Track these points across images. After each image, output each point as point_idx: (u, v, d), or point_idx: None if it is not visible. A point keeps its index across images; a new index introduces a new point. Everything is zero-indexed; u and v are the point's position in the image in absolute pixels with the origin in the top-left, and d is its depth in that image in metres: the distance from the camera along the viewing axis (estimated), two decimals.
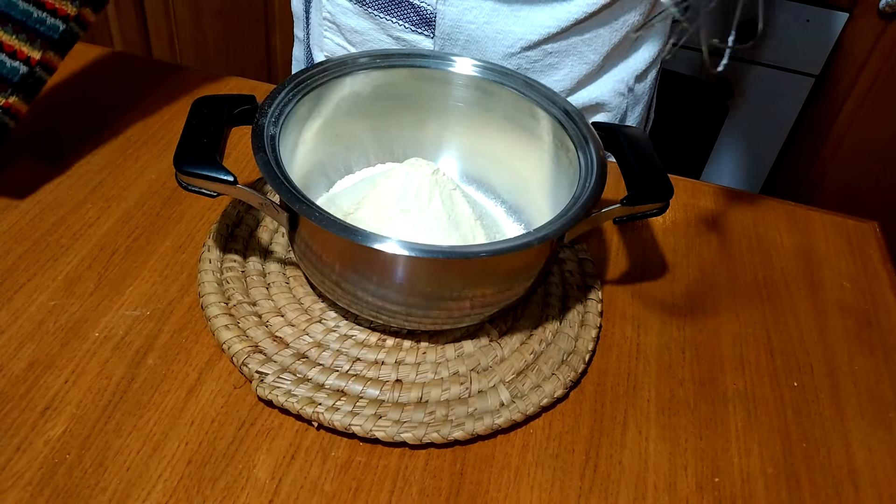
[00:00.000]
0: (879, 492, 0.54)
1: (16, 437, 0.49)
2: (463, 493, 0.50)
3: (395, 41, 0.76)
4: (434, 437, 0.51)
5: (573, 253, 0.66)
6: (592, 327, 0.60)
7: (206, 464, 0.49)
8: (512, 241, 0.50)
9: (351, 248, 0.50)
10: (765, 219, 0.76)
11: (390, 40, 0.76)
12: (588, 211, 0.52)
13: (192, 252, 0.63)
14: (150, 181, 0.70)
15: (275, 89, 0.57)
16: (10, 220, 0.64)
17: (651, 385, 0.58)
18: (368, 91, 0.63)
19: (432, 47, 0.75)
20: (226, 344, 0.55)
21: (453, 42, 0.74)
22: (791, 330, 0.65)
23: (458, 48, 0.74)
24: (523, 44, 0.73)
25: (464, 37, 0.73)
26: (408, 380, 0.55)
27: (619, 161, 0.58)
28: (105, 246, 0.63)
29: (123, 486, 0.48)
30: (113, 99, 0.79)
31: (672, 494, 0.52)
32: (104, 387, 0.53)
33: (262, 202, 0.52)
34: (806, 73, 1.43)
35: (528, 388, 0.55)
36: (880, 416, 0.59)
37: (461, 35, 0.73)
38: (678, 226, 0.74)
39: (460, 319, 0.55)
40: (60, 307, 0.58)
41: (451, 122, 0.67)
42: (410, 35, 0.75)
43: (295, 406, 0.51)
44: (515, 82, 0.63)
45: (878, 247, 0.74)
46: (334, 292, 0.54)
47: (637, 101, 0.85)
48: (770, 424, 0.57)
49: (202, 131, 0.52)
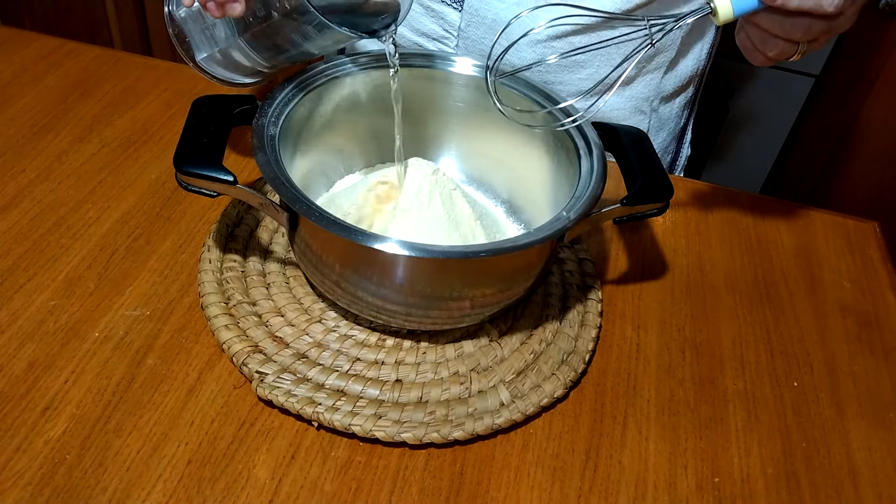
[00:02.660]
0: (879, 492, 0.54)
1: (16, 437, 0.49)
2: (463, 493, 0.50)
3: (424, 11, 0.74)
4: (434, 437, 0.51)
5: (573, 253, 0.66)
6: (592, 327, 0.60)
7: (206, 464, 0.49)
8: (512, 241, 0.50)
9: (351, 248, 0.50)
10: (765, 219, 0.76)
11: (420, 9, 0.74)
12: (588, 211, 0.52)
13: (192, 252, 0.63)
14: (150, 181, 0.70)
15: (275, 89, 0.57)
16: (10, 220, 0.64)
17: (651, 385, 0.58)
18: (368, 91, 0.63)
19: (459, 22, 0.73)
20: (226, 344, 0.55)
21: (480, 20, 0.72)
22: (791, 330, 0.65)
23: (484, 28, 0.72)
24: (551, 32, 0.71)
25: (491, 15, 0.71)
26: (408, 380, 0.55)
27: (619, 161, 0.58)
28: (105, 246, 0.63)
29: (123, 486, 0.48)
30: (113, 99, 0.79)
31: (672, 494, 0.52)
32: (104, 387, 0.53)
33: (262, 202, 0.52)
34: (806, 74, 1.43)
35: (528, 388, 0.55)
36: (880, 416, 0.59)
37: (489, 13, 0.71)
38: (678, 226, 0.74)
39: (460, 319, 0.55)
40: (60, 307, 0.58)
41: (451, 122, 0.67)
42: (439, 6, 0.73)
43: (295, 406, 0.51)
44: (516, 82, 0.63)
45: (878, 247, 0.74)
46: (334, 292, 0.54)
47: (661, 125, 0.81)
48: (770, 424, 0.57)
49: (202, 131, 0.52)
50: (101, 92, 0.80)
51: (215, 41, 0.59)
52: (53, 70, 0.82)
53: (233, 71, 0.62)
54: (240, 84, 0.64)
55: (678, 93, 0.79)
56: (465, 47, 0.75)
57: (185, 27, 0.59)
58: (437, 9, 0.74)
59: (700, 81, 0.81)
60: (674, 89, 0.78)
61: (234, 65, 0.60)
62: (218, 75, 0.62)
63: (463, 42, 0.74)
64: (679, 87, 0.78)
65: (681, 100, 0.80)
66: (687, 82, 0.79)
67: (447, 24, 0.74)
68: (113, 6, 1.71)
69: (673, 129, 0.83)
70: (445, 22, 0.74)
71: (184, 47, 0.59)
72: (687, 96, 0.81)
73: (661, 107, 0.79)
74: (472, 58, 0.64)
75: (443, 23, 0.74)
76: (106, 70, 0.83)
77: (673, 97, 0.79)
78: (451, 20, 0.73)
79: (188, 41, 0.59)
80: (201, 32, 0.59)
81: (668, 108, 0.80)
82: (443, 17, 0.74)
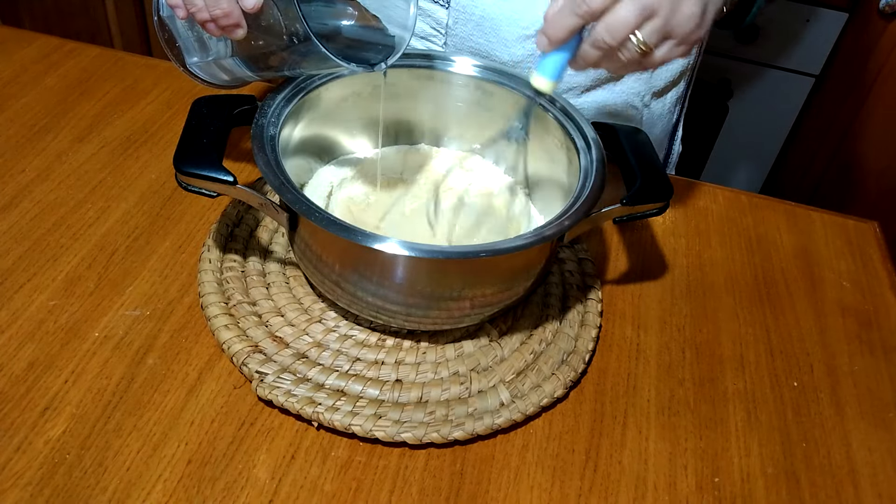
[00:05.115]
0: (879, 492, 0.54)
1: (16, 437, 0.49)
2: (463, 493, 0.50)
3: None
4: (434, 437, 0.51)
5: (573, 253, 0.66)
6: (592, 327, 0.60)
7: (206, 464, 0.49)
8: (512, 242, 0.50)
9: (351, 248, 0.50)
10: (765, 219, 0.76)
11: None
12: (588, 211, 0.52)
13: (192, 252, 0.63)
14: (150, 181, 0.70)
15: (275, 89, 0.57)
16: (10, 220, 0.64)
17: (651, 385, 0.58)
18: (368, 91, 0.63)
19: (446, 19, 0.73)
20: (226, 344, 0.55)
21: (467, 16, 0.72)
22: (791, 330, 0.65)
23: (472, 25, 0.72)
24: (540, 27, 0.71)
25: (479, 11, 0.71)
26: (408, 380, 0.55)
27: (619, 161, 0.58)
28: (105, 246, 0.63)
29: (123, 486, 0.48)
30: (113, 99, 0.79)
31: (672, 494, 0.52)
32: (104, 387, 0.53)
33: (262, 202, 0.52)
34: (806, 73, 1.43)
35: (528, 388, 0.55)
36: (880, 416, 0.59)
37: (476, 10, 0.71)
38: (678, 226, 0.74)
39: (460, 319, 0.55)
40: (60, 307, 0.58)
41: (451, 121, 0.67)
42: (427, 3, 0.73)
43: (295, 406, 0.51)
44: (515, 82, 0.63)
45: (878, 247, 0.74)
46: (334, 292, 0.54)
47: (654, 121, 0.81)
48: (770, 424, 0.57)
49: (202, 131, 0.52)
50: (101, 92, 0.80)
51: (207, 51, 0.59)
52: (53, 70, 0.82)
53: (224, 78, 0.62)
54: (234, 87, 0.64)
55: (669, 88, 0.80)
56: (454, 45, 0.75)
57: (176, 34, 0.59)
58: (424, 7, 0.74)
59: (691, 77, 0.82)
60: (665, 84, 0.79)
61: (225, 72, 0.60)
62: (209, 80, 0.62)
63: (451, 40, 0.74)
64: (670, 83, 0.79)
65: (672, 95, 0.81)
66: (678, 77, 0.79)
67: (435, 22, 0.74)
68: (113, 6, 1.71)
69: (665, 125, 0.84)
70: (433, 20, 0.74)
71: (174, 52, 0.59)
72: (678, 92, 0.81)
73: (652, 102, 0.80)
74: (472, 57, 0.64)
75: (430, 21, 0.74)
76: (106, 70, 0.83)
77: (664, 92, 0.80)
78: (439, 18, 0.74)
79: (178, 46, 0.59)
80: (194, 40, 0.59)
81: (660, 103, 0.81)
82: (430, 15, 0.74)
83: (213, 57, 0.59)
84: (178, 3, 0.52)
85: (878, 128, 1.42)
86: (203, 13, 0.51)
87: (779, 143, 1.53)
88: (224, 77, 0.61)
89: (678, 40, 0.51)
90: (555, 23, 0.50)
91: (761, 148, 1.55)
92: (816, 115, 1.48)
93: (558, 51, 0.52)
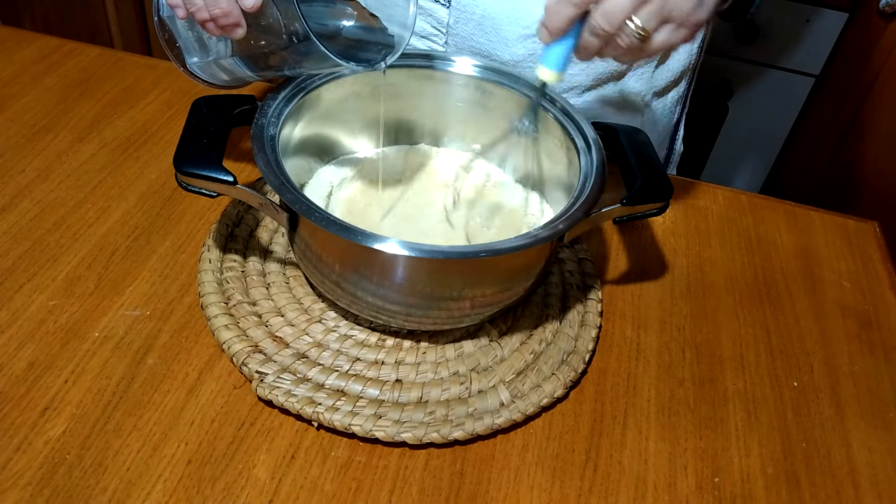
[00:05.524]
0: (879, 492, 0.54)
1: (16, 437, 0.49)
2: (463, 493, 0.50)
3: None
4: (434, 437, 0.51)
5: (573, 253, 0.66)
6: (592, 327, 0.60)
7: (206, 464, 0.49)
8: (512, 241, 0.50)
9: (351, 248, 0.50)
10: (765, 219, 0.76)
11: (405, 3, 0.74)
12: (588, 211, 0.52)
13: (192, 252, 0.63)
14: (150, 181, 0.70)
15: (274, 89, 0.57)
16: (10, 220, 0.64)
17: (651, 385, 0.58)
18: (368, 91, 0.63)
19: (447, 18, 0.73)
20: (226, 344, 0.55)
21: (468, 16, 0.72)
22: (791, 330, 0.65)
23: (473, 24, 0.72)
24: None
25: (480, 11, 0.71)
26: (408, 380, 0.55)
27: (619, 161, 0.58)
28: (105, 246, 0.63)
29: (123, 486, 0.48)
30: (113, 99, 0.79)
31: (672, 494, 0.52)
32: (104, 387, 0.53)
33: (262, 202, 0.52)
34: (806, 73, 1.43)
35: (528, 388, 0.55)
36: (880, 416, 0.59)
37: (477, 9, 0.71)
38: (678, 226, 0.74)
39: (460, 319, 0.55)
40: (60, 307, 0.58)
41: (451, 121, 0.67)
42: (428, 3, 0.73)
43: (295, 406, 0.51)
44: (516, 82, 0.63)
45: (878, 247, 0.74)
46: (334, 292, 0.54)
47: (655, 121, 0.81)
48: (770, 424, 0.57)
49: (202, 131, 0.52)
50: (101, 92, 0.80)
51: (207, 51, 0.59)
52: (53, 70, 0.82)
53: (224, 78, 0.62)
54: (234, 87, 0.64)
55: (670, 88, 0.80)
56: (455, 44, 0.75)
57: (176, 34, 0.59)
58: (425, 6, 0.74)
59: (692, 77, 0.81)
60: (665, 84, 0.79)
61: (225, 72, 0.61)
62: (209, 80, 0.62)
63: (452, 39, 0.74)
64: (671, 82, 0.79)
65: (673, 95, 0.81)
66: (679, 77, 0.79)
67: (436, 21, 0.74)
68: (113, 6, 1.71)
69: (666, 124, 0.83)
70: (434, 19, 0.74)
71: (174, 52, 0.60)
72: (679, 91, 0.81)
73: (653, 102, 0.79)
74: (472, 57, 0.64)
75: (431, 20, 0.74)
76: (106, 70, 0.83)
77: (665, 92, 0.80)
78: (440, 17, 0.74)
79: (178, 46, 0.59)
80: (194, 40, 0.59)
81: (661, 103, 0.80)
82: (431, 14, 0.74)
83: (214, 57, 0.59)
84: (178, 2, 0.52)
85: (878, 128, 1.42)
86: (203, 13, 0.51)
87: (779, 143, 1.53)
88: (224, 77, 0.62)
89: (677, 23, 0.50)
90: (554, 13, 0.50)
91: (761, 148, 1.55)
92: (816, 115, 1.48)
93: (561, 41, 0.52)
